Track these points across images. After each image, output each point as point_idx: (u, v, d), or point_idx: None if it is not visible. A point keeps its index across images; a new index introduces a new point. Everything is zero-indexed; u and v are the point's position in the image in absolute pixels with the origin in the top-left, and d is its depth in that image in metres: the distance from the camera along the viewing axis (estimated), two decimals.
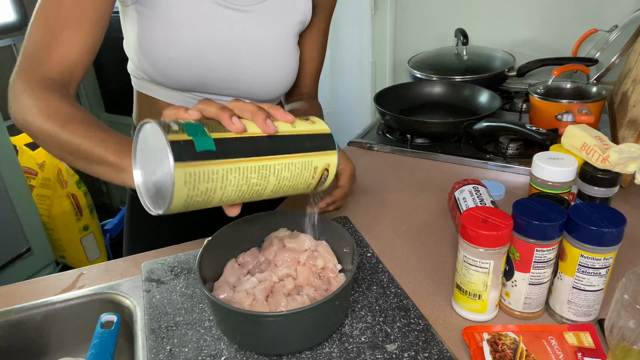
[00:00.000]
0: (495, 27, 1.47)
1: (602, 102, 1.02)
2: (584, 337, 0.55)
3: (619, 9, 1.28)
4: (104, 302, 0.68)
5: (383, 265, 0.70)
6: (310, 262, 0.63)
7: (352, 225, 0.80)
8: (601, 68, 1.19)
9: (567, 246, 0.56)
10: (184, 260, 0.72)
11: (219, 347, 0.57)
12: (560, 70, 1.09)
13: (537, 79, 1.27)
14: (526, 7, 1.40)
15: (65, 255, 2.07)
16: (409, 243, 0.77)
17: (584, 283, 0.56)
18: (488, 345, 0.54)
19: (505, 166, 0.98)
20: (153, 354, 0.56)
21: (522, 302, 0.59)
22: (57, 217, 1.96)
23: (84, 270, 0.74)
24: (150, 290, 0.66)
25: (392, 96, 1.21)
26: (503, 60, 1.35)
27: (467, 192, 0.78)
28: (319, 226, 0.66)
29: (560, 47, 1.37)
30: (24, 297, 0.68)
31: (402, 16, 1.60)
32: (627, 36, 1.14)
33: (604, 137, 0.69)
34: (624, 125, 0.93)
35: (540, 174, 0.65)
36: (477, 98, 1.19)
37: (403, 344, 0.56)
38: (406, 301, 0.62)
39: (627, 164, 0.63)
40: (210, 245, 0.62)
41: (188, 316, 0.62)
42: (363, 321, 0.59)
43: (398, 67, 1.68)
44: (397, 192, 0.92)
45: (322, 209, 0.74)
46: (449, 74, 1.31)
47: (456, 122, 1.06)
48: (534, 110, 1.08)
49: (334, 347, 0.56)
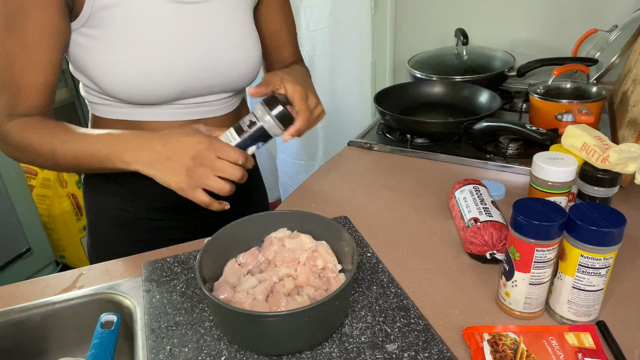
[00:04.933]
0: (495, 27, 1.46)
1: (602, 102, 1.02)
2: (584, 337, 0.55)
3: (619, 9, 1.28)
4: (104, 302, 0.67)
5: (383, 265, 0.70)
6: (310, 262, 0.63)
7: (352, 225, 0.80)
8: (601, 68, 1.19)
9: (567, 246, 0.56)
10: (184, 260, 0.72)
11: (219, 347, 0.57)
12: (560, 70, 1.09)
13: (537, 79, 1.27)
14: (526, 7, 1.40)
15: (65, 255, 2.07)
16: (409, 243, 0.77)
17: (584, 283, 0.56)
18: (488, 345, 0.54)
19: (505, 166, 0.98)
20: (153, 354, 0.56)
21: (522, 302, 0.59)
22: (57, 217, 1.96)
23: (84, 270, 0.74)
24: (150, 290, 0.66)
25: (392, 96, 1.21)
26: (503, 60, 1.35)
27: (468, 192, 0.78)
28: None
29: (560, 47, 1.37)
30: (24, 297, 0.68)
31: (402, 16, 1.60)
32: (627, 36, 1.14)
33: (604, 137, 0.69)
34: (624, 125, 0.93)
35: (540, 174, 0.65)
36: (477, 98, 1.19)
37: (403, 344, 0.56)
38: (406, 301, 0.62)
39: (627, 164, 0.63)
40: (210, 245, 0.62)
41: (188, 316, 0.62)
42: (363, 321, 0.59)
43: (398, 67, 1.68)
44: (397, 192, 0.92)
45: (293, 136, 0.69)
46: (449, 74, 1.31)
47: (456, 122, 1.06)
48: (534, 110, 1.08)
49: (334, 347, 0.56)
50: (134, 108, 0.74)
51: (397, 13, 1.60)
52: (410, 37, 1.61)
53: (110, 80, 0.69)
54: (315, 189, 0.95)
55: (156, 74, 0.69)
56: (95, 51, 0.68)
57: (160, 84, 0.70)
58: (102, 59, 0.68)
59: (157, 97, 0.72)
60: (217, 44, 0.74)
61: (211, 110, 0.79)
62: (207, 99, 0.78)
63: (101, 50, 0.68)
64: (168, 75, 0.70)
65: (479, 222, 0.70)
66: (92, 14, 0.66)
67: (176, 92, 0.73)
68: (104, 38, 0.67)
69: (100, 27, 0.67)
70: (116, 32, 0.67)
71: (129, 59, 0.68)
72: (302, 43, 1.77)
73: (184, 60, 0.71)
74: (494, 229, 0.68)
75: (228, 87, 0.79)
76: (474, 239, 0.69)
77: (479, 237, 0.68)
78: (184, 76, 0.72)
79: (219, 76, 0.76)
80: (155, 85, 0.70)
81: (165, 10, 0.69)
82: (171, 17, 0.69)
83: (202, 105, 0.78)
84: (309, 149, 1.94)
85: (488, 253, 0.68)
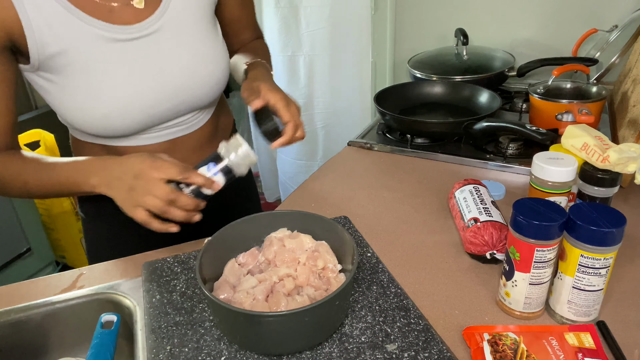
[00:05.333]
0: (495, 27, 1.46)
1: (602, 102, 1.02)
2: (584, 337, 0.55)
3: (619, 9, 1.27)
4: (104, 302, 0.68)
5: (383, 265, 0.70)
6: (310, 262, 0.63)
7: (352, 225, 0.80)
8: (601, 68, 1.19)
9: (567, 246, 0.56)
10: (184, 260, 0.72)
11: (219, 347, 0.57)
12: (560, 70, 1.09)
13: (537, 79, 1.27)
14: (526, 7, 1.40)
15: (65, 255, 2.07)
16: (409, 243, 0.77)
17: (584, 283, 0.56)
18: (488, 345, 0.54)
19: (505, 166, 0.98)
20: (153, 354, 0.56)
21: (522, 302, 0.59)
22: (57, 217, 1.96)
23: (84, 270, 0.74)
24: (150, 290, 0.66)
25: (392, 96, 1.21)
26: (503, 60, 1.35)
27: (468, 192, 0.78)
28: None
29: (560, 47, 1.37)
30: (24, 297, 0.68)
31: (402, 16, 1.60)
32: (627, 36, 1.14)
33: (604, 137, 0.69)
34: (624, 125, 0.93)
35: (540, 174, 0.65)
36: (477, 98, 1.19)
37: (403, 344, 0.56)
38: (406, 301, 0.62)
39: (627, 164, 0.63)
40: (210, 245, 0.62)
41: (188, 316, 0.62)
42: (363, 321, 0.59)
43: (398, 67, 1.68)
44: (397, 192, 0.92)
45: (283, 145, 0.72)
46: (449, 74, 1.31)
47: (456, 122, 1.06)
48: (534, 110, 1.08)
49: (334, 347, 0.56)
50: (106, 138, 0.76)
51: (397, 13, 1.60)
52: (410, 37, 1.61)
53: (72, 120, 0.71)
54: (315, 189, 0.95)
55: (114, 115, 0.70)
56: (53, 94, 0.69)
57: (121, 123, 0.71)
58: (61, 102, 0.70)
59: (120, 132, 0.73)
60: (174, 72, 0.72)
61: (184, 128, 0.79)
62: (177, 121, 0.78)
63: (58, 93, 0.69)
64: (126, 114, 0.71)
65: (479, 222, 0.70)
66: (41, 62, 0.66)
67: (139, 126, 0.73)
68: (59, 82, 0.68)
69: (53, 72, 0.67)
70: (69, 78, 0.67)
71: (85, 102, 0.69)
72: (302, 43, 1.77)
73: (141, 96, 0.71)
74: (494, 229, 0.68)
75: (196, 106, 0.78)
76: (474, 239, 0.69)
77: (479, 237, 0.68)
78: (144, 111, 0.72)
79: (183, 102, 0.75)
80: (117, 124, 0.71)
81: (112, 51, 0.68)
82: (119, 56, 0.68)
83: (174, 126, 0.78)
84: (309, 149, 1.94)
85: (488, 253, 0.68)
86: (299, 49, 1.79)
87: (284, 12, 1.75)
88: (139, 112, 0.71)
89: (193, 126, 0.81)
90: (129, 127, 0.72)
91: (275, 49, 1.85)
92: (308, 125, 1.89)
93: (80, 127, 0.72)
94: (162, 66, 0.71)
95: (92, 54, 0.67)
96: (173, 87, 0.73)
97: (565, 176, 0.64)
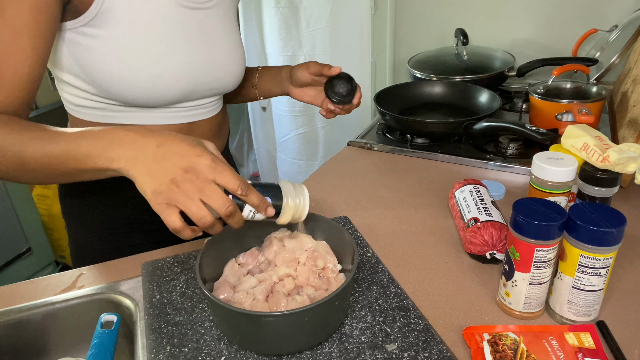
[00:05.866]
0: (495, 27, 1.46)
1: (602, 102, 1.02)
2: (584, 337, 0.55)
3: (619, 9, 1.28)
4: (104, 302, 0.68)
5: (383, 265, 0.70)
6: (310, 262, 0.63)
7: (352, 225, 0.80)
8: (601, 68, 1.19)
9: (567, 246, 0.56)
10: (184, 260, 0.72)
11: (219, 347, 0.57)
12: (560, 70, 1.09)
13: (537, 79, 1.27)
14: (526, 7, 1.40)
15: (65, 255, 2.07)
16: (409, 243, 0.77)
17: (584, 283, 0.56)
18: (488, 345, 0.54)
19: (505, 166, 0.98)
20: (153, 354, 0.56)
21: (522, 302, 0.59)
22: (57, 217, 1.96)
23: (84, 270, 0.74)
24: (150, 290, 0.66)
25: (392, 96, 1.21)
26: (503, 60, 1.35)
27: (468, 192, 0.78)
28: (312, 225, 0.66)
29: (560, 47, 1.37)
30: (24, 297, 0.68)
31: (402, 16, 1.60)
32: (627, 36, 1.14)
33: (604, 137, 0.69)
34: (624, 125, 0.93)
35: (540, 174, 0.65)
36: (477, 98, 1.19)
37: (403, 344, 0.56)
38: (406, 301, 0.62)
39: (627, 164, 0.63)
40: (210, 245, 0.62)
41: (188, 316, 0.62)
42: (363, 321, 0.59)
43: (398, 67, 1.68)
44: (397, 192, 0.92)
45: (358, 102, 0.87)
46: (449, 74, 1.31)
47: (456, 122, 1.06)
48: (534, 110, 1.08)
49: (334, 347, 0.56)
50: (127, 112, 0.72)
51: (397, 13, 1.60)
52: (410, 37, 1.61)
53: (115, 81, 0.67)
54: (315, 189, 0.95)
55: (164, 77, 0.69)
56: (98, 51, 0.65)
57: (167, 87, 0.70)
58: (107, 60, 0.66)
59: (162, 99, 0.71)
60: (217, 49, 0.75)
61: (202, 112, 0.80)
62: (201, 102, 0.78)
63: (106, 50, 0.65)
64: (175, 78, 0.70)
65: (479, 222, 0.70)
66: (100, 12, 0.63)
67: (181, 95, 0.73)
68: (109, 38, 0.65)
69: (106, 27, 0.64)
70: (124, 33, 0.65)
71: (137, 60, 0.66)
72: (302, 43, 1.77)
73: (190, 63, 0.72)
74: (494, 229, 0.68)
75: (221, 90, 0.80)
76: (474, 239, 0.69)
77: (479, 237, 0.68)
78: (189, 79, 0.72)
79: (217, 80, 0.77)
80: (163, 88, 0.70)
81: (176, 15, 0.69)
82: (178, 21, 0.70)
83: (196, 108, 0.78)
84: (309, 149, 1.94)
85: (488, 253, 0.68)
86: (299, 49, 1.79)
87: (284, 12, 1.75)
88: (186, 79, 0.72)
89: (210, 112, 0.81)
90: (172, 93, 0.71)
91: (275, 49, 1.85)
92: (308, 125, 1.89)
93: (117, 89, 0.67)
94: (211, 41, 0.74)
95: (157, 12, 0.67)
96: (215, 63, 0.75)
97: (565, 176, 0.64)
